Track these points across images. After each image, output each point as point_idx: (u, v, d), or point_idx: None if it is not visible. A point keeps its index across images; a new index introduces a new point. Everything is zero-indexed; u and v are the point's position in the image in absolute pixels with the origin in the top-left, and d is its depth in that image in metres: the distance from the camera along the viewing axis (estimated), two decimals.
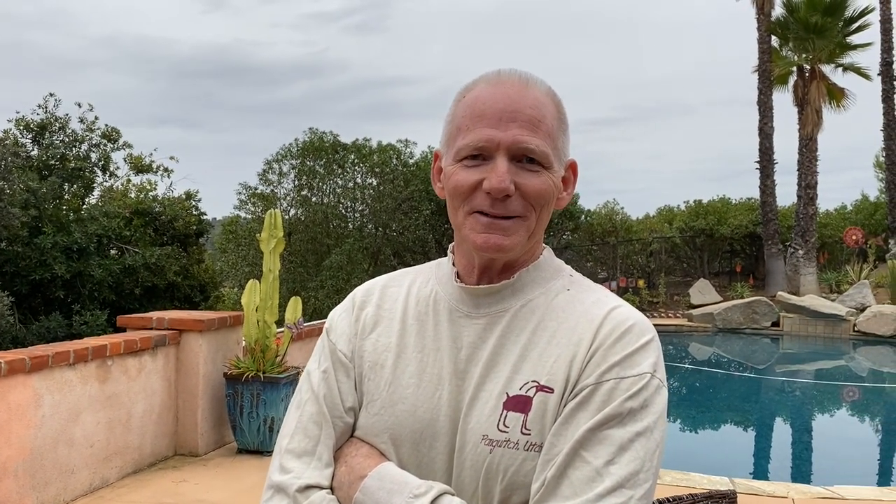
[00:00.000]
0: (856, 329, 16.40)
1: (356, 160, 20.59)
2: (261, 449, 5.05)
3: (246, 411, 5.06)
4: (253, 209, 20.21)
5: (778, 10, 22.10)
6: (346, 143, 20.61)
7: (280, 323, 5.71)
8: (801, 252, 21.03)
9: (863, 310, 16.90)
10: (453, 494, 1.02)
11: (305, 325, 5.71)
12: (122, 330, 5.20)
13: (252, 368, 5.10)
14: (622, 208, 23.13)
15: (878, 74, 22.95)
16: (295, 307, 5.68)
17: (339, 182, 20.70)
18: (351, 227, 20.90)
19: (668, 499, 2.25)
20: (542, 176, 1.08)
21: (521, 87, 1.09)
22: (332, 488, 1.08)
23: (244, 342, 5.48)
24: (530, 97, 1.08)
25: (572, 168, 1.15)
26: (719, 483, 4.94)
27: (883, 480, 6.99)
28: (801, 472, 7.39)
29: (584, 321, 1.08)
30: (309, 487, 1.07)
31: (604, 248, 21.98)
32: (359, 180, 20.94)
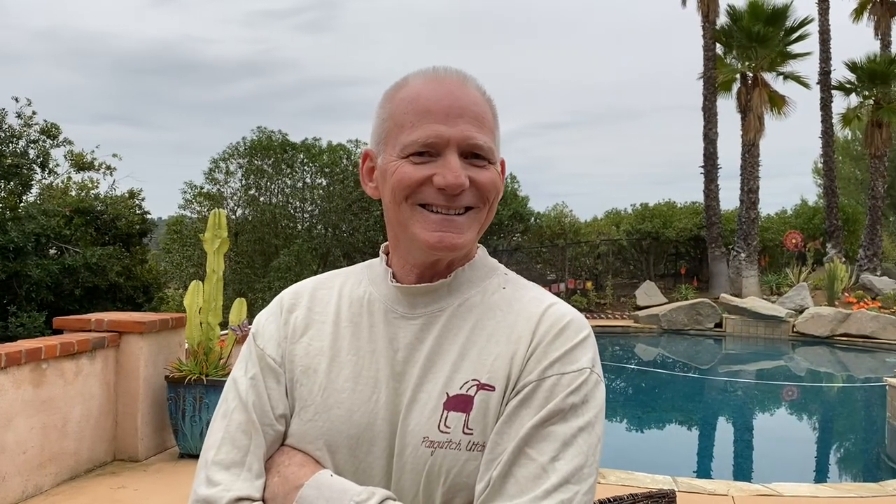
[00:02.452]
0: (795, 330, 16.90)
1: (305, 160, 20.39)
2: None
3: (188, 415, 4.95)
4: (199, 208, 19.84)
5: (723, 19, 22.68)
6: (295, 142, 20.40)
7: (224, 325, 5.60)
8: (743, 255, 21.58)
9: (801, 311, 17.43)
10: (395, 499, 0.99)
11: (249, 327, 5.61)
12: (59, 332, 5.03)
13: (195, 371, 4.99)
14: (571, 211, 23.44)
15: (817, 83, 23.73)
16: (240, 309, 5.58)
17: (288, 182, 20.47)
18: (300, 227, 20.69)
19: (609, 499, 2.27)
20: (489, 170, 1.09)
21: (461, 85, 1.09)
22: (263, 500, 1.04)
23: (187, 344, 5.36)
24: (472, 95, 1.09)
25: (503, 166, 1.15)
26: (662, 482, 5.02)
27: (819, 477, 7.21)
28: (742, 470, 7.56)
29: (522, 319, 1.08)
30: (239, 500, 1.03)
31: (553, 250, 22.21)
32: (308, 180, 20.74)
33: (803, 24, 22.34)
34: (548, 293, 1.15)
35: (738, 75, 22.75)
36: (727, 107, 32.55)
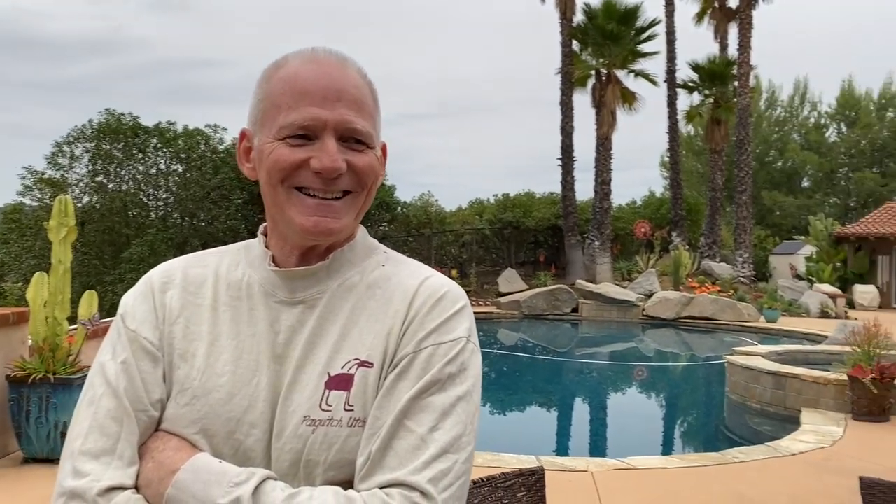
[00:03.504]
0: (644, 313, 18.02)
1: (159, 144, 19.38)
2: (51, 457, 4.61)
3: (33, 416, 4.59)
4: (40, 196, 18.42)
5: (579, 17, 23.66)
6: (147, 126, 19.34)
7: (73, 320, 5.23)
8: (597, 243, 22.70)
9: (650, 296, 18.60)
10: (276, 479, 0.97)
11: (101, 321, 5.27)
12: None
13: (40, 370, 4.64)
14: (437, 200, 23.75)
15: (664, 81, 25.31)
16: (90, 302, 5.23)
17: (140, 168, 19.39)
18: (154, 216, 19.67)
19: (482, 479, 2.32)
20: (368, 155, 1.08)
21: (340, 67, 1.08)
22: (137, 487, 0.99)
23: (31, 341, 4.96)
24: (351, 78, 1.08)
25: (384, 150, 1.15)
26: (527, 462, 5.20)
27: (667, 450, 7.73)
28: (599, 446, 7.98)
29: (398, 293, 1.09)
30: (111, 489, 0.97)
31: (419, 239, 22.41)
32: (162, 166, 19.74)
33: (652, 24, 23.73)
34: (426, 267, 1.16)
35: (593, 72, 23.84)
36: (583, 102, 33.98)
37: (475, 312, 1.18)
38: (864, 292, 22.35)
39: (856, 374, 7.14)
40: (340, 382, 1.02)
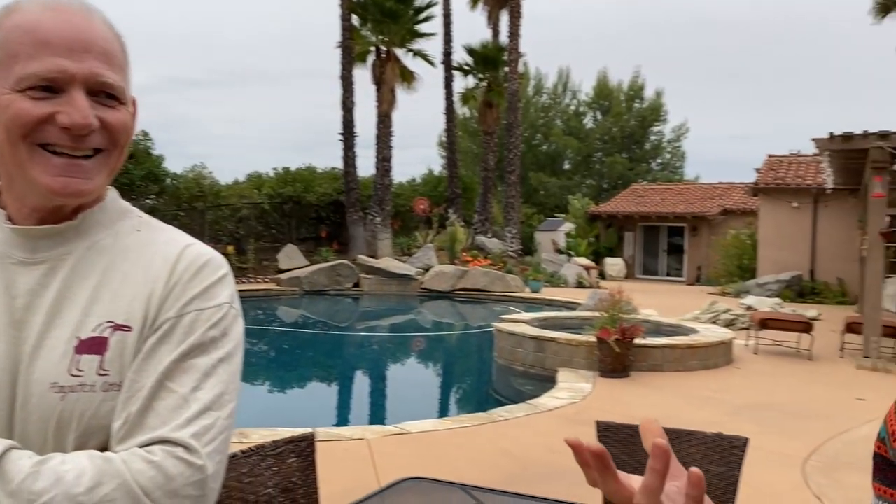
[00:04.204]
0: (423, 286, 18.68)
1: None
2: None
3: None
4: None
5: None
6: None
7: None
8: (378, 219, 23.05)
9: (428, 270, 19.31)
10: (20, 448, 0.92)
11: None
12: None
13: None
14: (211, 173, 22.64)
15: (441, 63, 26.12)
16: None
17: None
18: None
19: (251, 448, 2.31)
20: (121, 111, 1.04)
21: (86, 17, 1.02)
22: None
23: None
24: (98, 29, 1.02)
25: (135, 105, 1.11)
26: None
27: (442, 414, 8.12)
28: (378, 415, 8.19)
29: (158, 259, 1.06)
30: None
31: (191, 213, 21.28)
32: None
33: (430, 5, 24.32)
34: (185, 234, 1.14)
35: (373, 48, 23.99)
36: (364, 78, 34.08)
37: (253, 290, 1.19)
38: (613, 264, 24.88)
39: (602, 335, 7.97)
40: (93, 346, 0.98)
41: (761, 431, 5.89)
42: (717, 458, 2.42)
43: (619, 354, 7.92)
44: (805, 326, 9.84)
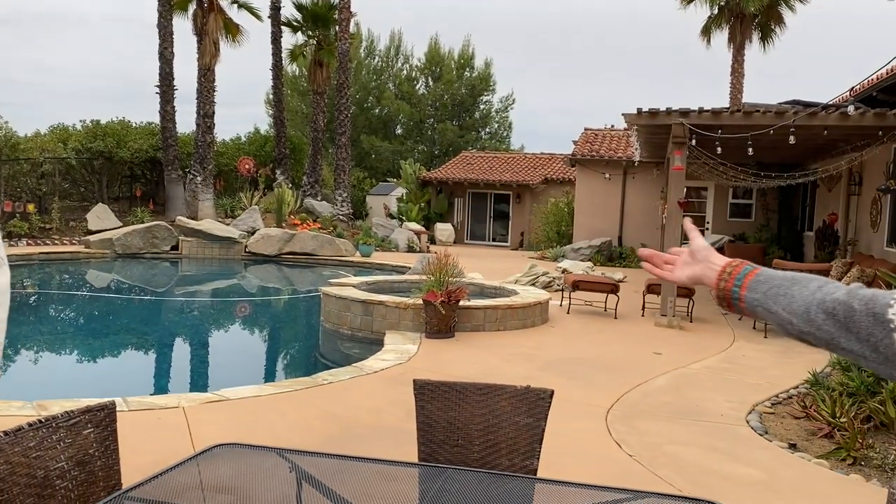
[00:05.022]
0: (247, 250, 18.09)
1: None
2: None
3: None
4: None
5: None
6: None
7: None
8: (199, 179, 21.94)
9: (253, 233, 18.70)
10: None
11: None
12: None
13: None
14: (7, 123, 20.39)
15: (269, 17, 25.09)
16: None
17: None
18: None
19: (40, 420, 2.12)
20: None
21: None
22: None
23: None
24: None
25: None
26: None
27: (268, 379, 7.94)
28: (198, 383, 7.86)
29: None
30: None
31: None
32: None
33: None
34: None
35: None
36: (185, 28, 32.13)
37: (58, 252, 1.07)
38: (443, 229, 25.40)
39: (429, 298, 8.13)
40: None
41: (570, 384, 6.29)
42: (525, 410, 2.55)
43: (444, 316, 8.12)
44: (612, 288, 10.60)
